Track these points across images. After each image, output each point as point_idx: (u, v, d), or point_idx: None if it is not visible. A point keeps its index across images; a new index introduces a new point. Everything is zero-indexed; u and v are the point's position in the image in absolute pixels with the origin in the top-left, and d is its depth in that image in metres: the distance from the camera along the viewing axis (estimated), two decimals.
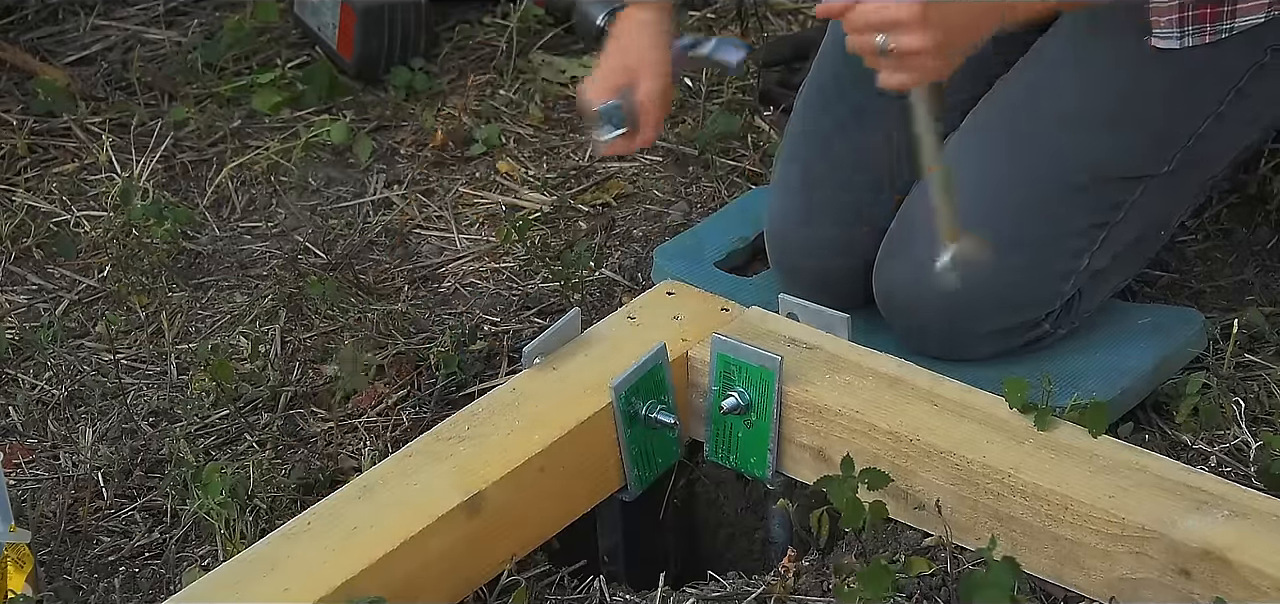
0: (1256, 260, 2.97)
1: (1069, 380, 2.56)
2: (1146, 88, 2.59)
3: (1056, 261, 2.60)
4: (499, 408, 2.44)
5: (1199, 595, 2.18)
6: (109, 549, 2.53)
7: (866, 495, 2.35)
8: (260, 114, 3.56)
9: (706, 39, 2.70)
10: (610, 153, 2.92)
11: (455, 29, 3.81)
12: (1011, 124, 2.63)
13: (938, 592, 2.26)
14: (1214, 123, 2.61)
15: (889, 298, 2.63)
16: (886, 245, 2.65)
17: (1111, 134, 2.60)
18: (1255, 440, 2.52)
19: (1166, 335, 2.67)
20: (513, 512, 2.34)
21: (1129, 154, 2.60)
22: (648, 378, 2.46)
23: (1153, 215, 2.66)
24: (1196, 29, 2.55)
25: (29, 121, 3.55)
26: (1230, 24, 2.55)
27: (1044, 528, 2.28)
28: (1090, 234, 2.61)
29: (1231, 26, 2.55)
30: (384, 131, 3.52)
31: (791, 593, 2.29)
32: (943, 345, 2.60)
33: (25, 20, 3.88)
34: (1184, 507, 2.23)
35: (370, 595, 2.18)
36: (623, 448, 2.46)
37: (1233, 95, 2.61)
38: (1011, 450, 2.33)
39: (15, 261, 3.18)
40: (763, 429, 2.46)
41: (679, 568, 2.71)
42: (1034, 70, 2.64)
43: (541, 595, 2.36)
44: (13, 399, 2.83)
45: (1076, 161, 2.59)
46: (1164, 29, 2.55)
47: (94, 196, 3.34)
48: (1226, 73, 2.60)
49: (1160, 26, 2.55)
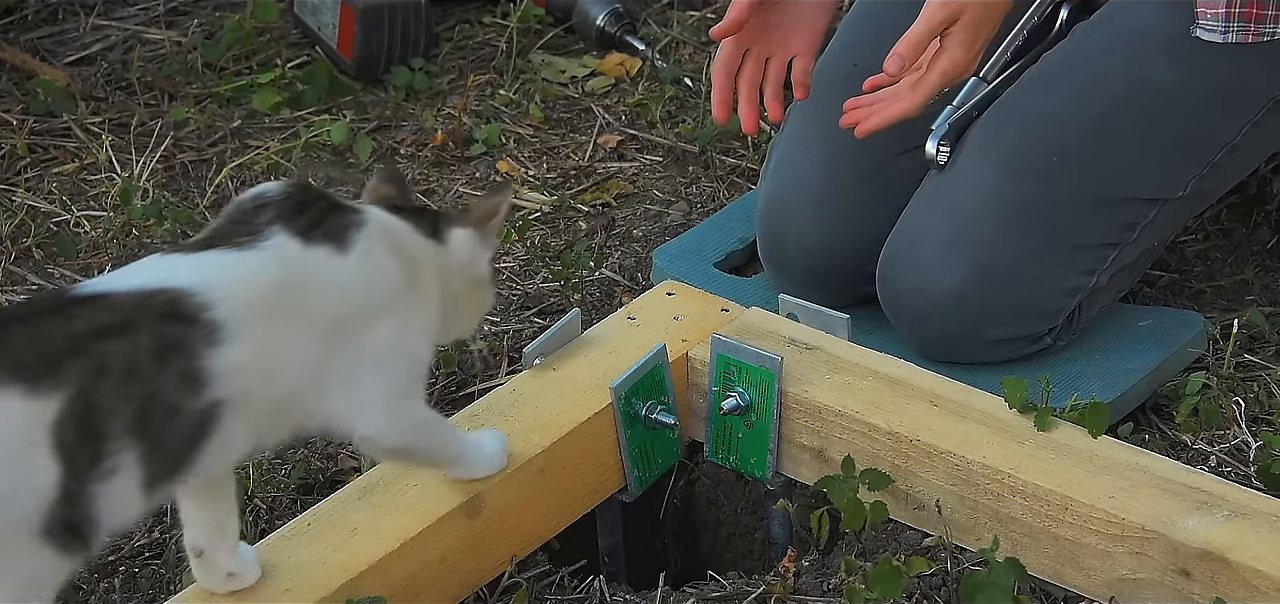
0: (1256, 260, 2.97)
1: (1069, 381, 2.56)
2: (1172, 110, 2.59)
3: (1067, 277, 2.60)
4: (499, 408, 2.44)
5: (1199, 595, 2.18)
6: (109, 549, 2.53)
7: (867, 496, 2.36)
8: (260, 114, 3.56)
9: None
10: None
11: (455, 29, 3.81)
12: (1032, 136, 2.61)
13: (938, 592, 2.26)
14: (1228, 153, 2.62)
15: (897, 303, 2.63)
16: (890, 249, 2.64)
17: (1133, 155, 2.59)
18: (1255, 440, 2.52)
19: (1166, 338, 2.67)
20: (513, 512, 2.34)
21: (1149, 176, 2.60)
22: (648, 378, 2.46)
23: (1158, 235, 2.66)
24: (1241, 26, 2.54)
25: (29, 121, 3.55)
26: (1273, 29, 2.55)
27: (1044, 528, 2.28)
28: (1103, 253, 2.60)
29: (1274, 31, 2.55)
30: (384, 131, 3.52)
31: (791, 593, 2.29)
32: (946, 351, 2.60)
33: (25, 20, 3.88)
34: (1184, 507, 2.23)
35: (370, 595, 2.18)
36: (623, 448, 2.46)
37: (1249, 127, 2.61)
38: (1011, 450, 2.33)
39: (15, 261, 3.18)
40: (763, 429, 2.46)
41: (679, 568, 2.71)
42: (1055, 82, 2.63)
43: (541, 595, 2.36)
44: None
45: (1096, 181, 2.59)
46: (1210, 21, 2.55)
47: (94, 196, 3.34)
48: (1248, 103, 2.60)
49: (1206, 17, 2.55)
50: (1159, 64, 2.59)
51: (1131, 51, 2.59)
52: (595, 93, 3.60)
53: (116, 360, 1.85)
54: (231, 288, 1.93)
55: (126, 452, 1.85)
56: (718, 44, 2.67)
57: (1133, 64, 2.59)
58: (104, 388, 1.84)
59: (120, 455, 1.85)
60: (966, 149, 2.62)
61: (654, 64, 3.61)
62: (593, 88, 3.61)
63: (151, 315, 1.89)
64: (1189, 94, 2.58)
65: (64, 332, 1.85)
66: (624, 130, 3.46)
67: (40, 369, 1.81)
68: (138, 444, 1.86)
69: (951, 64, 2.48)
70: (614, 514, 2.54)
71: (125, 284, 1.92)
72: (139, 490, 1.89)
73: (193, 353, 1.89)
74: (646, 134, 3.45)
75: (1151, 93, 2.58)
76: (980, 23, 2.47)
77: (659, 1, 3.87)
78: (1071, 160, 2.58)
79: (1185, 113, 2.59)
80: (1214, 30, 2.55)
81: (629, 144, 3.44)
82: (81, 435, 1.82)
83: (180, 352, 1.89)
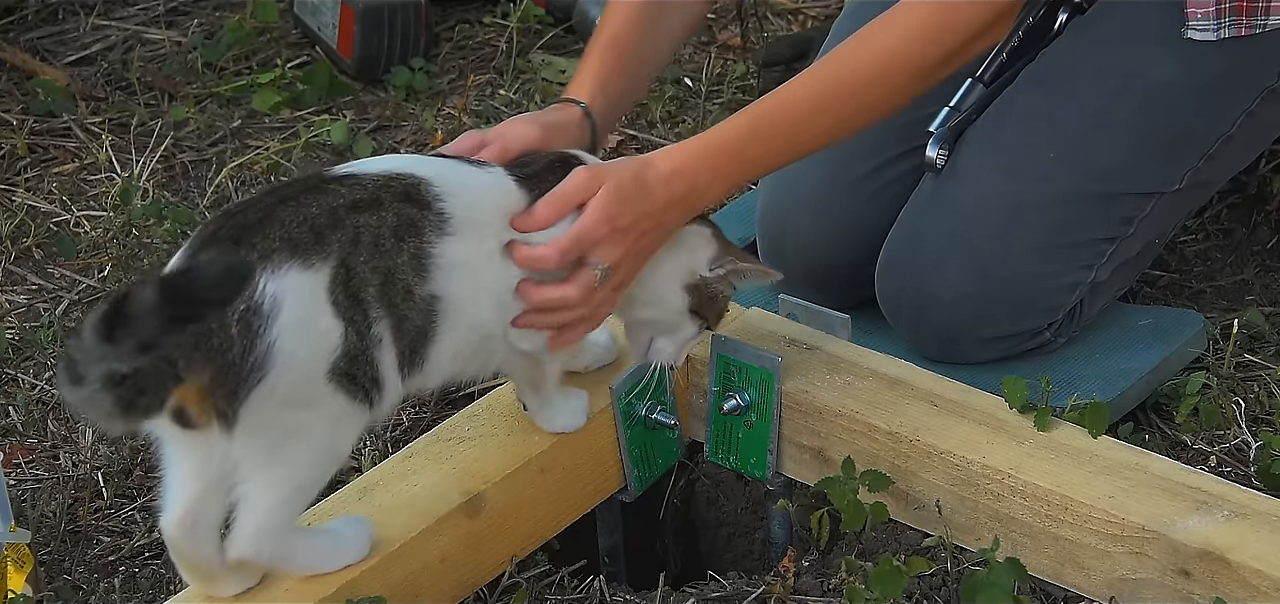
0: (1256, 260, 2.97)
1: (1069, 381, 2.56)
2: (1167, 104, 2.59)
3: (1065, 273, 2.59)
4: (499, 408, 2.44)
5: (1199, 595, 2.18)
6: (109, 549, 2.53)
7: (867, 496, 2.35)
8: (260, 114, 3.57)
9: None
10: None
11: (455, 29, 3.81)
12: (1029, 133, 2.61)
13: (938, 592, 2.26)
14: (1223, 144, 2.62)
15: (896, 302, 2.63)
16: (888, 249, 2.65)
17: (1129, 150, 2.59)
18: (1255, 440, 2.52)
19: (1166, 337, 2.67)
20: (513, 512, 2.34)
21: (1145, 170, 2.60)
22: (648, 379, 2.46)
23: (1156, 230, 2.66)
24: (1233, 20, 2.54)
25: (29, 121, 3.55)
26: (1264, 20, 2.55)
27: (1044, 528, 2.28)
28: (1100, 248, 2.60)
29: (1264, 22, 2.55)
30: (384, 131, 3.52)
31: (791, 593, 2.29)
32: (945, 349, 2.60)
33: (25, 20, 3.88)
34: (1184, 507, 2.23)
35: (370, 595, 2.18)
36: (623, 448, 2.46)
37: (1244, 117, 2.61)
38: (1011, 450, 2.33)
39: (15, 261, 3.18)
40: (763, 429, 2.46)
41: (679, 568, 2.71)
42: (1052, 80, 2.63)
43: (541, 595, 2.36)
44: (13, 399, 2.83)
45: (1093, 176, 2.59)
46: (1200, 21, 2.55)
47: (94, 196, 3.34)
48: (1242, 94, 2.60)
49: (1196, 17, 2.55)
50: (1153, 58, 2.59)
51: (1126, 46, 2.60)
52: None
53: (366, 232, 2.10)
54: (462, 191, 2.19)
55: (380, 321, 2.11)
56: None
57: (1127, 59, 2.60)
58: (359, 257, 2.09)
59: (379, 324, 2.11)
60: (964, 149, 2.62)
61: None
62: None
63: (393, 195, 2.13)
64: (1183, 87, 2.58)
65: (326, 205, 2.10)
66: (624, 130, 3.46)
67: (310, 242, 2.07)
68: (386, 316, 2.11)
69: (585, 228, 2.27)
70: (614, 514, 2.54)
71: (373, 168, 2.18)
72: (396, 370, 2.14)
73: (424, 236, 2.13)
74: (646, 134, 3.45)
75: (1146, 87, 2.59)
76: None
77: None
78: (1068, 156, 2.59)
79: (1180, 105, 2.59)
80: (1206, 29, 2.55)
81: (629, 144, 3.44)
82: (350, 299, 2.08)
83: (415, 232, 2.13)
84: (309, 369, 2.07)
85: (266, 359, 2.03)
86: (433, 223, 2.15)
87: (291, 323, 2.04)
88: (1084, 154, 2.59)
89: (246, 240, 2.06)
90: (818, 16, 3.82)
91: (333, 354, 2.08)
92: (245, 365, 2.02)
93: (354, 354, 2.09)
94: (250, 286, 2.01)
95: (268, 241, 2.06)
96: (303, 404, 2.08)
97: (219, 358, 2.01)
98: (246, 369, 2.02)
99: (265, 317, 2.03)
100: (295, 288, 2.05)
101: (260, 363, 2.02)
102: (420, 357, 2.17)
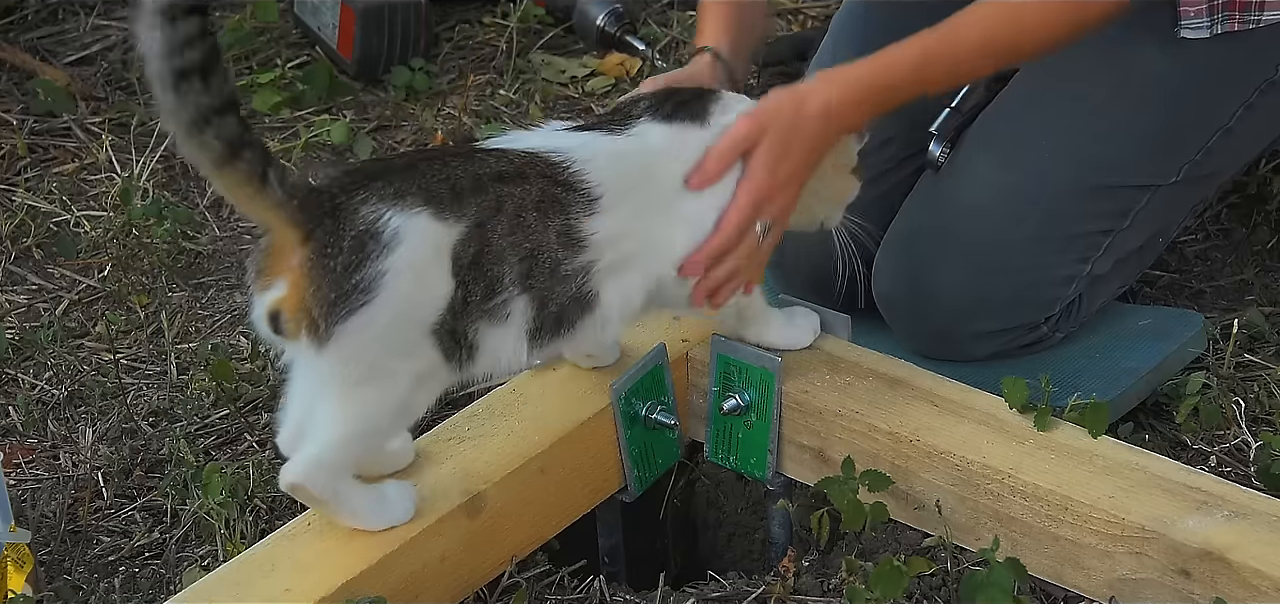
0: (1256, 260, 2.97)
1: (1069, 381, 2.56)
2: (1162, 97, 2.59)
3: (1061, 266, 2.60)
4: (499, 408, 2.44)
5: (1199, 595, 2.18)
6: (109, 549, 2.53)
7: (867, 497, 2.35)
8: (260, 114, 3.57)
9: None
10: None
11: (455, 29, 3.81)
12: (1024, 128, 2.62)
13: (938, 592, 2.26)
14: (1222, 137, 2.62)
15: (892, 300, 2.63)
16: (885, 247, 2.65)
17: (1124, 142, 2.59)
18: (1255, 440, 2.52)
19: (1166, 337, 2.67)
20: (513, 512, 2.34)
21: (1140, 162, 2.60)
22: (648, 379, 2.46)
23: (1156, 224, 2.66)
24: (1226, 16, 2.54)
25: (29, 121, 3.55)
26: (1258, 16, 2.55)
27: (1044, 528, 2.28)
28: (1096, 240, 2.60)
29: (1259, 18, 2.55)
30: (384, 131, 3.52)
31: (791, 593, 2.29)
32: (941, 345, 2.60)
33: (25, 20, 3.88)
34: (1184, 507, 2.23)
35: (370, 595, 2.18)
36: (623, 448, 2.46)
37: (1242, 110, 2.61)
38: (1011, 450, 2.33)
39: (15, 261, 3.18)
40: (763, 430, 2.46)
41: (679, 568, 2.72)
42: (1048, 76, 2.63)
43: (541, 595, 2.36)
44: (13, 399, 2.83)
45: (1088, 168, 2.59)
46: (1192, 20, 2.55)
47: (94, 196, 3.34)
48: (1239, 87, 2.60)
49: (1188, 16, 2.55)
50: (1149, 51, 2.59)
51: (1121, 42, 2.60)
52: (595, 93, 3.60)
53: (509, 202, 2.15)
54: (604, 162, 2.23)
55: (516, 298, 2.16)
56: None
57: (1124, 53, 2.60)
58: (499, 227, 2.14)
59: (512, 302, 2.16)
60: (960, 146, 2.63)
61: (654, 64, 3.61)
62: (593, 88, 3.61)
63: (538, 171, 2.19)
64: (1179, 80, 2.58)
65: (470, 171, 2.15)
66: None
67: (448, 198, 2.12)
68: (524, 292, 2.17)
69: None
70: (614, 514, 2.54)
71: (520, 143, 2.23)
72: (523, 338, 2.19)
73: (570, 212, 2.19)
74: None
75: (1143, 80, 2.59)
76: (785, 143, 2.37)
77: (659, 1, 3.87)
78: (1062, 149, 2.59)
79: (1176, 99, 2.59)
80: (1198, 28, 2.55)
81: None
82: (476, 267, 2.13)
83: (560, 208, 2.19)
84: (413, 316, 2.11)
85: (372, 286, 2.06)
86: (579, 199, 2.20)
87: (406, 263, 2.08)
88: (1078, 147, 2.59)
89: (385, 176, 2.11)
90: (817, 16, 3.83)
91: (438, 310, 2.12)
92: (347, 282, 2.05)
93: (459, 316, 2.12)
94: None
95: (406, 183, 2.10)
96: (397, 350, 2.11)
97: (321, 262, 2.05)
98: (348, 287, 2.06)
99: (382, 245, 2.07)
100: (420, 231, 2.09)
101: (365, 287, 2.06)
102: (566, 325, 2.22)
